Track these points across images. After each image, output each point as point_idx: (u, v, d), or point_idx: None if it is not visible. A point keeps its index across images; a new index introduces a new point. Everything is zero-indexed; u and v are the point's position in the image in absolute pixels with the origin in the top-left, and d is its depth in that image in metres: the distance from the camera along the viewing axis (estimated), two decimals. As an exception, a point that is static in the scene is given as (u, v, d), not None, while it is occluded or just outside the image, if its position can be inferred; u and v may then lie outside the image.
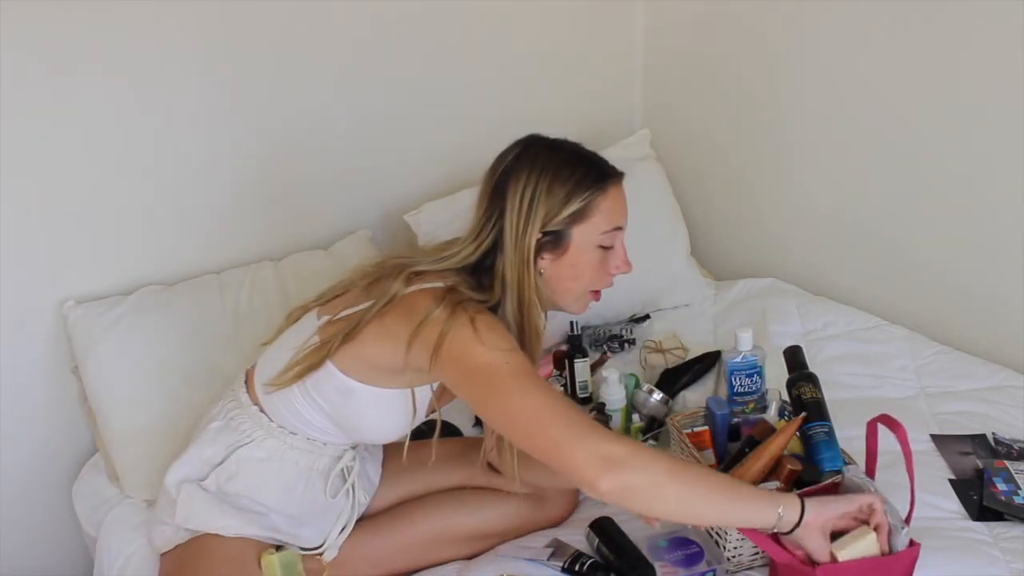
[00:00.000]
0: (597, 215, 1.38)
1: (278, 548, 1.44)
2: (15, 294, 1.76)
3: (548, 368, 1.97)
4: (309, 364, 1.38)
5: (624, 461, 1.17)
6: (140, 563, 1.56)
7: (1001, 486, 1.57)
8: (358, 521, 1.56)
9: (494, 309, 1.37)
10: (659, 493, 1.19)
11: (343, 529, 1.51)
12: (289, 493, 1.46)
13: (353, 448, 1.51)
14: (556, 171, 1.36)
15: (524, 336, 1.38)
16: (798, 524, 1.24)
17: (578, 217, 1.37)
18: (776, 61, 2.23)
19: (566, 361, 1.91)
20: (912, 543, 1.29)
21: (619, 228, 1.42)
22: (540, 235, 1.35)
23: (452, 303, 1.30)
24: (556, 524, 1.62)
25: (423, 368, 1.30)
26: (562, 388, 1.90)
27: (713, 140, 2.45)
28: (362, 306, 1.37)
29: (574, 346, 1.91)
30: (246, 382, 1.50)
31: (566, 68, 2.42)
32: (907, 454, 1.33)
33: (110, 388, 1.74)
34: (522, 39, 2.32)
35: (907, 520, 1.30)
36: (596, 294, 1.47)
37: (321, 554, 1.48)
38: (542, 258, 1.38)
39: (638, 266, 2.21)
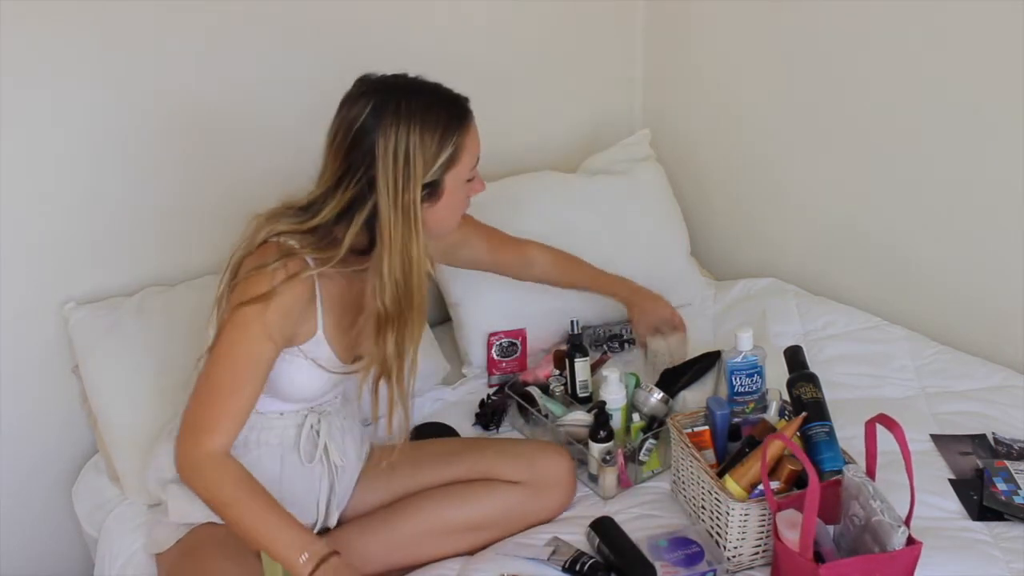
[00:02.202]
0: (465, 154, 1.38)
1: None
2: (16, 295, 1.76)
3: (548, 368, 1.97)
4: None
5: (191, 476, 1.33)
6: (141, 563, 1.57)
7: (1001, 486, 1.57)
8: (356, 519, 1.56)
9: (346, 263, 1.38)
10: (212, 499, 1.34)
11: (329, 502, 1.53)
12: (266, 473, 1.45)
13: (318, 411, 1.52)
14: (422, 120, 1.33)
15: (407, 296, 1.38)
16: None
17: (450, 162, 1.36)
18: (776, 61, 2.23)
19: (566, 361, 1.91)
20: (913, 541, 1.29)
21: (478, 158, 1.43)
22: (419, 190, 1.34)
23: (274, 259, 1.33)
24: (554, 515, 1.62)
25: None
26: (563, 388, 1.89)
27: (713, 140, 2.45)
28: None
29: (574, 346, 1.91)
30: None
31: (566, 68, 2.42)
32: (906, 454, 1.33)
33: (111, 390, 1.74)
34: (522, 39, 2.32)
35: (907, 520, 1.31)
36: (464, 216, 1.52)
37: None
38: (421, 208, 1.37)
39: (638, 266, 2.23)
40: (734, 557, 1.45)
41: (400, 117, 1.33)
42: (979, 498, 1.56)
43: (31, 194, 1.74)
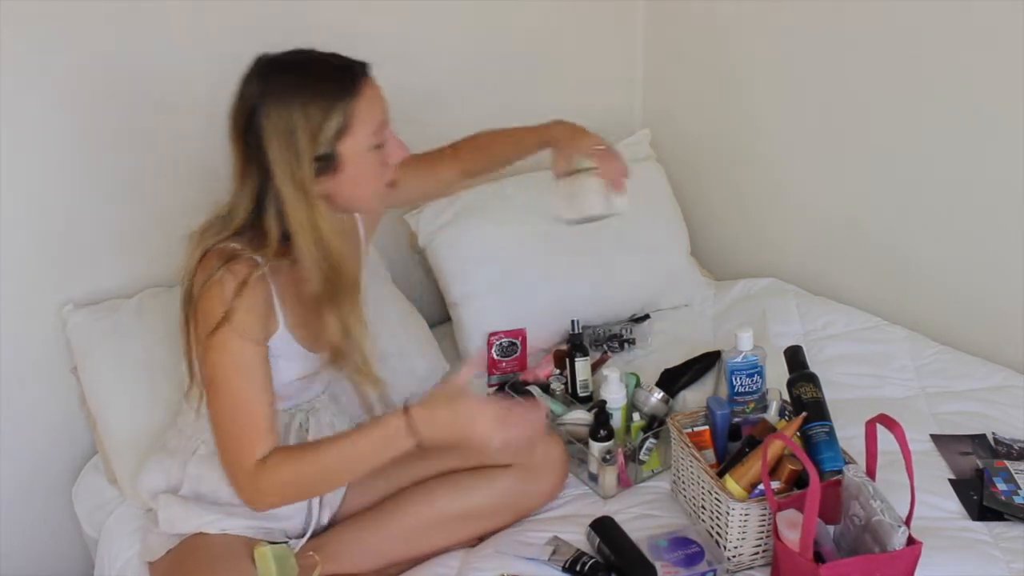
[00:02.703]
0: (358, 123, 1.32)
1: (270, 543, 1.44)
2: (16, 295, 1.76)
3: (548, 368, 1.98)
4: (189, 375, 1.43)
5: (263, 495, 1.35)
6: (141, 566, 1.56)
7: (1001, 486, 1.57)
8: (352, 516, 1.56)
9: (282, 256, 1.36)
10: (304, 499, 1.40)
11: (321, 501, 1.53)
12: None
13: (304, 409, 1.52)
14: (305, 93, 1.30)
15: (335, 273, 1.36)
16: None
17: (342, 132, 1.32)
18: (776, 61, 2.23)
19: (567, 360, 1.91)
20: (913, 541, 1.29)
21: (383, 123, 1.37)
22: (313, 164, 1.31)
23: (218, 268, 1.32)
24: (548, 499, 1.63)
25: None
26: (563, 387, 1.89)
27: (713, 140, 2.45)
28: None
29: (575, 345, 1.91)
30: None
31: (566, 68, 2.42)
32: (906, 454, 1.33)
33: (109, 392, 1.74)
34: (522, 39, 2.32)
35: (907, 520, 1.31)
36: (392, 184, 1.44)
37: (314, 546, 1.48)
38: (319, 183, 1.34)
39: (638, 266, 2.24)
40: (734, 557, 1.45)
41: (283, 92, 1.30)
42: (979, 498, 1.56)
43: (29, 196, 1.74)
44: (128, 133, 1.81)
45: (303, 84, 1.30)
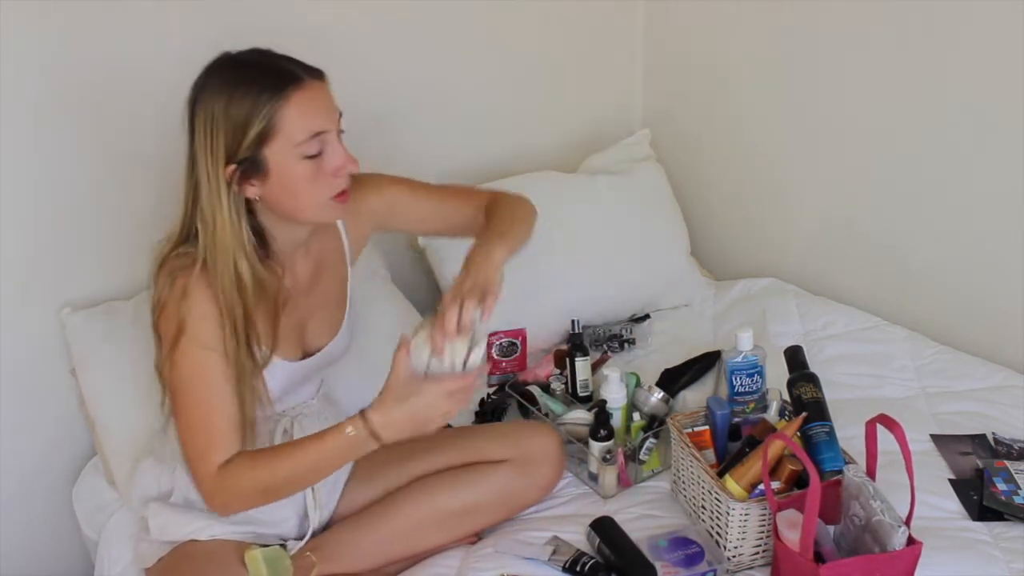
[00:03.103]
0: (285, 129, 1.26)
1: (262, 546, 1.44)
2: (14, 299, 1.76)
3: (548, 367, 1.98)
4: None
5: (219, 499, 1.34)
6: (138, 572, 1.56)
7: (1001, 486, 1.57)
8: (349, 516, 1.56)
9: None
10: (258, 505, 1.37)
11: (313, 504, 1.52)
12: None
13: (291, 415, 1.51)
14: (232, 92, 1.25)
15: (225, 284, 1.30)
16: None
17: (265, 137, 1.26)
18: (776, 61, 2.23)
19: (567, 360, 1.91)
20: (914, 541, 1.29)
21: (320, 133, 1.29)
22: (233, 165, 1.27)
23: (172, 277, 1.31)
24: (545, 492, 1.63)
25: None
26: (563, 386, 1.89)
27: (713, 140, 2.45)
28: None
29: (575, 345, 1.91)
30: None
31: (567, 68, 2.42)
32: (906, 454, 1.33)
33: (107, 395, 1.74)
34: (523, 39, 2.32)
35: (907, 520, 1.31)
36: (340, 196, 1.35)
37: (311, 547, 1.48)
38: (250, 185, 1.29)
39: (638, 266, 2.24)
40: (734, 557, 1.45)
41: (214, 89, 1.27)
42: (979, 498, 1.56)
43: (29, 198, 1.74)
44: (128, 134, 1.81)
45: (235, 82, 1.26)
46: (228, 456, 1.33)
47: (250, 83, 1.26)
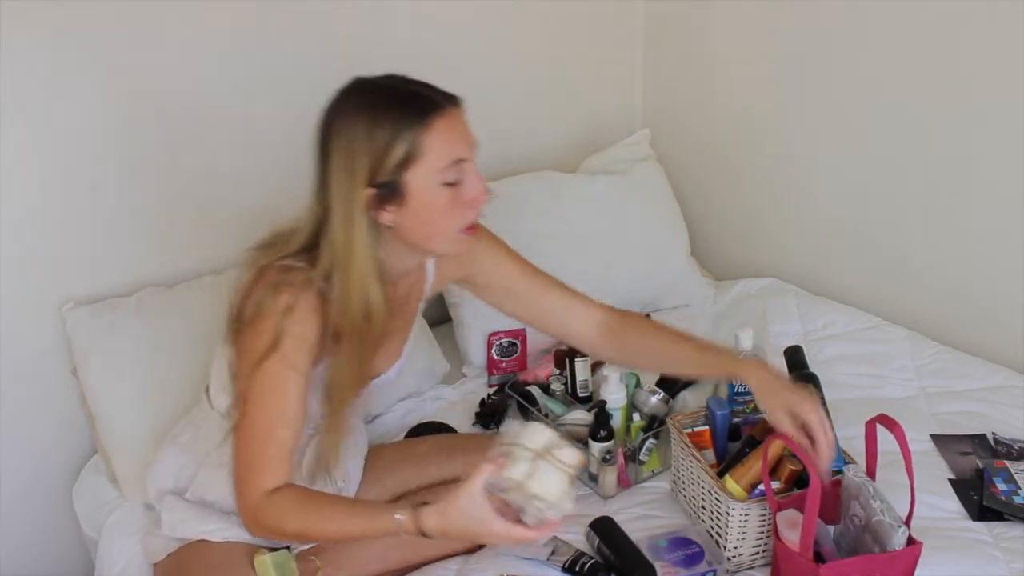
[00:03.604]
0: (428, 154, 1.25)
1: (271, 549, 1.44)
2: (15, 295, 1.76)
3: (548, 368, 1.97)
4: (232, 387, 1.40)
5: (261, 527, 1.30)
6: (140, 566, 1.57)
7: (1001, 486, 1.57)
8: None
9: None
10: (287, 531, 1.31)
11: None
12: None
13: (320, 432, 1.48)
14: (374, 116, 1.24)
15: (349, 310, 1.29)
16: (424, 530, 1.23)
17: (408, 162, 1.24)
18: (776, 61, 2.23)
19: (567, 360, 1.91)
20: (913, 541, 1.29)
21: (461, 160, 1.28)
22: (372, 189, 1.25)
23: (274, 289, 1.27)
24: None
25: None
26: (563, 387, 1.89)
27: (713, 140, 2.45)
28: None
29: (574, 346, 1.91)
30: (207, 389, 1.51)
31: (566, 68, 2.42)
32: (906, 454, 1.33)
33: (109, 391, 1.74)
34: (522, 39, 2.32)
35: (907, 520, 1.31)
36: (470, 229, 1.34)
37: (315, 551, 1.48)
38: (386, 211, 1.27)
39: (638, 266, 2.24)
40: (734, 557, 1.45)
41: (352, 114, 1.26)
42: (979, 498, 1.56)
43: (29, 195, 1.74)
44: (128, 134, 1.82)
45: (376, 106, 1.26)
46: (277, 483, 1.29)
47: (393, 108, 1.25)
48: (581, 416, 1.75)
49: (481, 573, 1.47)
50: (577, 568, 1.45)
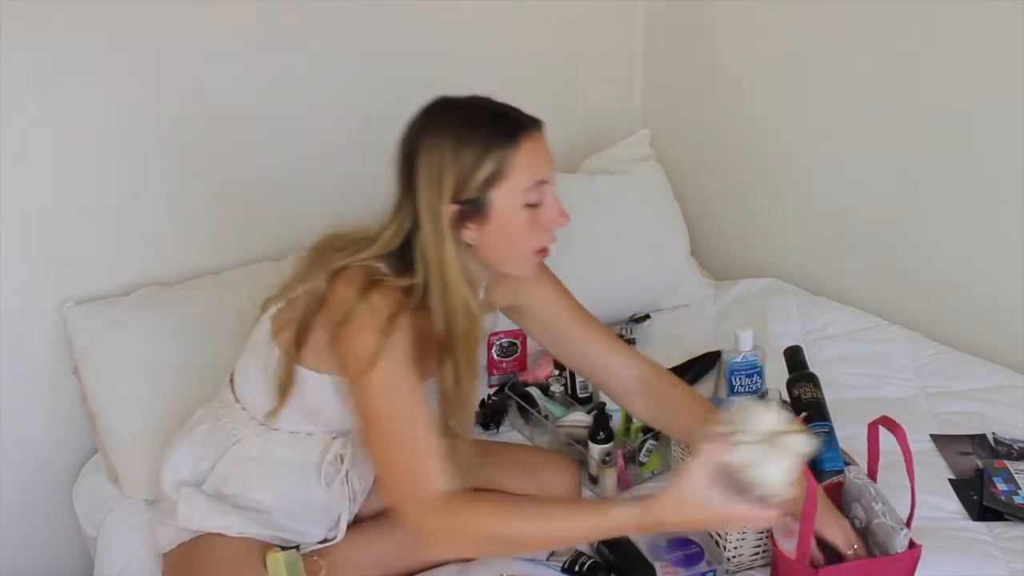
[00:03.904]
0: (514, 173, 1.28)
1: (283, 548, 1.44)
2: (15, 294, 1.76)
3: (548, 368, 1.97)
4: (283, 384, 1.37)
5: (440, 539, 1.25)
6: (140, 563, 1.57)
7: (1001, 486, 1.57)
8: (356, 524, 1.56)
9: (420, 291, 1.31)
10: (479, 536, 1.25)
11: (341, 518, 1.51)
12: (286, 491, 1.45)
13: (344, 435, 1.49)
14: (462, 134, 1.27)
15: (454, 317, 1.31)
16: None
17: (494, 180, 1.27)
18: (776, 61, 2.23)
19: (566, 361, 1.91)
20: (913, 544, 1.29)
21: (543, 182, 1.32)
22: (456, 205, 1.27)
23: (364, 289, 1.26)
24: None
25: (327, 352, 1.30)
26: (563, 388, 1.89)
27: (713, 140, 2.45)
28: (296, 293, 1.36)
29: (574, 346, 1.91)
30: (231, 380, 1.50)
31: (566, 68, 2.42)
32: (907, 456, 1.33)
33: (110, 388, 1.74)
34: (522, 39, 2.32)
35: (908, 522, 1.30)
36: (542, 252, 1.37)
37: (320, 552, 1.48)
38: (467, 228, 1.30)
39: (638, 266, 2.23)
40: (734, 558, 1.45)
41: (440, 131, 1.28)
42: (979, 498, 1.56)
43: (30, 194, 1.74)
44: (128, 134, 1.82)
45: (462, 125, 1.28)
46: (448, 484, 1.24)
47: (481, 126, 1.28)
48: (580, 418, 1.75)
49: (481, 574, 1.47)
50: (576, 568, 1.45)
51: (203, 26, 1.84)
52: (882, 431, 1.38)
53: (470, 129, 1.27)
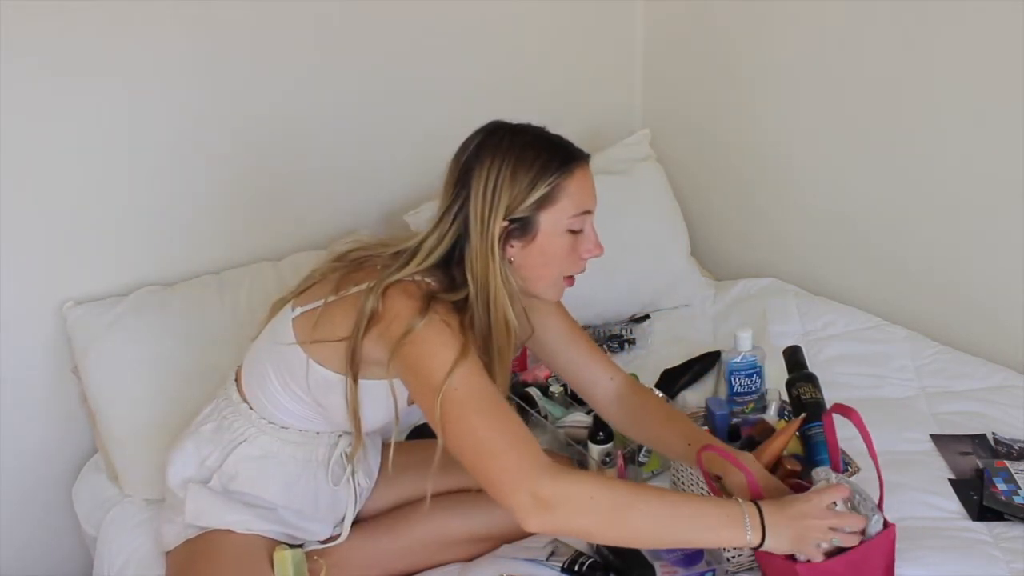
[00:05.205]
0: (564, 199, 1.35)
1: (290, 545, 1.45)
2: (15, 294, 1.77)
3: (547, 369, 1.97)
4: (355, 410, 1.38)
5: (557, 505, 1.20)
6: (140, 563, 1.57)
7: (1001, 486, 1.57)
8: (357, 523, 1.56)
9: (466, 302, 1.35)
10: (599, 529, 1.25)
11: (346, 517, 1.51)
12: (293, 488, 1.46)
13: (349, 434, 1.49)
14: (520, 156, 1.33)
15: (493, 330, 1.35)
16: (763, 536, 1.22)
17: (545, 202, 1.34)
18: (776, 61, 2.23)
19: (566, 361, 1.91)
20: (887, 524, 1.28)
21: (588, 212, 1.39)
22: (506, 222, 1.32)
23: (424, 303, 1.28)
24: None
25: (381, 362, 1.30)
26: (562, 389, 1.89)
27: (713, 140, 2.45)
28: (332, 298, 1.36)
29: (574, 346, 1.90)
30: (236, 380, 1.51)
31: (566, 68, 2.42)
32: (866, 438, 1.32)
33: (110, 388, 1.75)
34: (522, 39, 2.32)
35: (880, 504, 1.29)
36: (570, 280, 1.44)
37: (320, 552, 1.48)
38: (511, 246, 1.35)
39: (638, 266, 2.23)
40: (733, 558, 1.45)
41: (499, 151, 1.33)
42: (979, 498, 1.55)
43: (30, 194, 1.74)
44: (128, 135, 1.82)
45: (519, 149, 1.33)
46: (554, 469, 1.22)
47: (539, 151, 1.34)
48: (580, 418, 1.75)
49: (481, 574, 1.47)
50: (576, 568, 1.45)
51: (206, 28, 1.84)
52: (881, 430, 1.38)
53: (530, 152, 1.34)
